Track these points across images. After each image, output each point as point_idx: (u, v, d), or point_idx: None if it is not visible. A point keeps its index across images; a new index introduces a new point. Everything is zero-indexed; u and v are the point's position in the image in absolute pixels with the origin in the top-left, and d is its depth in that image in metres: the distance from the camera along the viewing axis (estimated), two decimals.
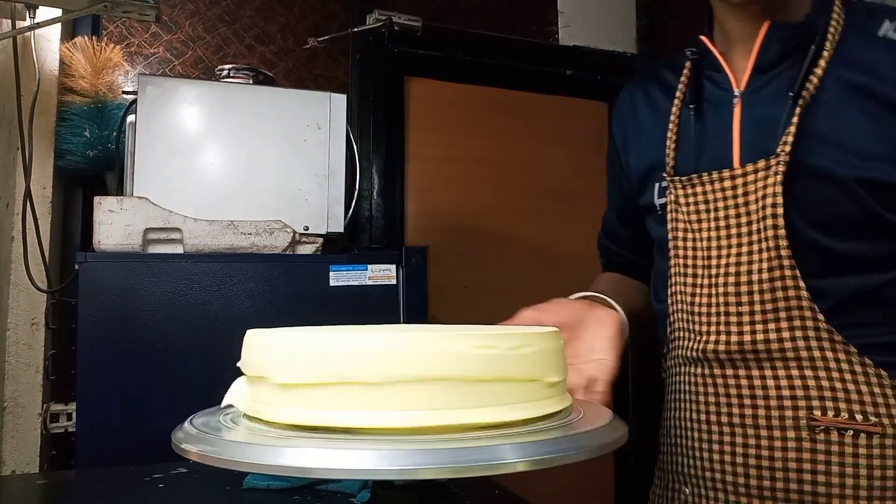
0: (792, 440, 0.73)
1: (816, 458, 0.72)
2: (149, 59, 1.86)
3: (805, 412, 0.72)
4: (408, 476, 0.44)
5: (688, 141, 0.83)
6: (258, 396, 0.55)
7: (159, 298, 1.28)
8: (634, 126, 0.94)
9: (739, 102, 0.80)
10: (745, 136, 0.78)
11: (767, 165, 0.73)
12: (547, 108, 2.36)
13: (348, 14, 2.07)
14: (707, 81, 0.84)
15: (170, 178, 1.39)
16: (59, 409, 1.55)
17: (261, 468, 0.45)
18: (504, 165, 2.29)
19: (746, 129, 0.78)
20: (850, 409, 0.71)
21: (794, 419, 0.73)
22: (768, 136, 0.75)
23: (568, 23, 2.36)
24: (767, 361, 0.74)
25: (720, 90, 0.82)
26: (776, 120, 0.75)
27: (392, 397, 0.49)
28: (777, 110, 0.76)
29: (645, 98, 0.94)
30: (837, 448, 0.71)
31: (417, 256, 1.45)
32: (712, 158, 0.80)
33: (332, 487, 0.90)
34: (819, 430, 0.72)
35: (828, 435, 0.71)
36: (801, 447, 0.72)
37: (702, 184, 0.79)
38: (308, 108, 1.49)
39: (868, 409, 0.71)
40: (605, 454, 0.50)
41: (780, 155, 0.72)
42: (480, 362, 0.50)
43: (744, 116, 0.79)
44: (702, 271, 0.79)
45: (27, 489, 0.97)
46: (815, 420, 0.72)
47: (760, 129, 0.77)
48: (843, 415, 0.71)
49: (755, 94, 0.79)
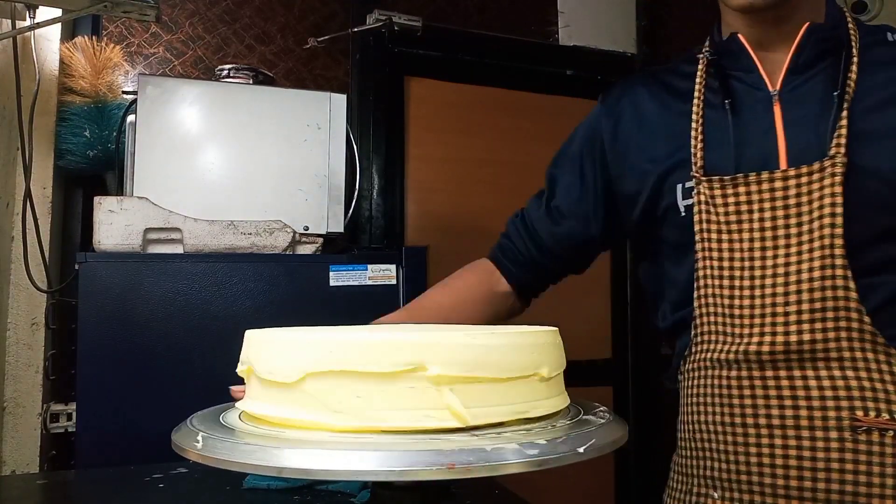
0: (834, 440, 0.73)
1: (858, 459, 0.72)
2: (149, 59, 1.86)
3: (847, 412, 0.72)
4: (408, 477, 0.44)
5: (720, 140, 0.82)
6: (259, 396, 0.55)
7: (159, 298, 1.28)
8: (639, 129, 0.91)
9: (778, 102, 0.80)
10: (790, 137, 0.78)
11: (822, 167, 0.74)
12: (547, 108, 2.36)
13: (348, 14, 2.06)
14: (734, 81, 0.84)
15: (170, 178, 1.39)
16: (59, 409, 1.55)
17: (261, 468, 0.45)
18: (504, 165, 2.29)
19: (791, 130, 0.78)
20: (890, 410, 0.72)
21: (837, 419, 0.73)
22: (816, 136, 0.76)
23: (568, 23, 2.36)
24: (810, 362, 0.74)
25: (753, 89, 0.82)
26: (821, 120, 0.76)
27: (392, 397, 0.49)
28: (819, 111, 0.77)
29: (651, 100, 0.91)
30: (879, 448, 0.71)
31: (417, 256, 1.45)
32: (754, 160, 0.79)
33: (332, 487, 0.90)
34: (861, 431, 0.72)
35: (869, 436, 0.72)
36: (843, 447, 0.72)
37: (746, 184, 0.78)
38: (308, 108, 1.49)
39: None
40: (605, 454, 0.50)
41: (836, 157, 0.73)
42: (481, 361, 0.50)
43: (784, 117, 0.79)
44: (741, 272, 0.79)
45: (27, 489, 0.97)
46: (857, 420, 0.72)
47: (805, 129, 0.77)
48: (885, 415, 0.71)
49: (793, 95, 0.80)
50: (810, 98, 0.78)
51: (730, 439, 0.79)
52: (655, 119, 0.90)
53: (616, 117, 0.94)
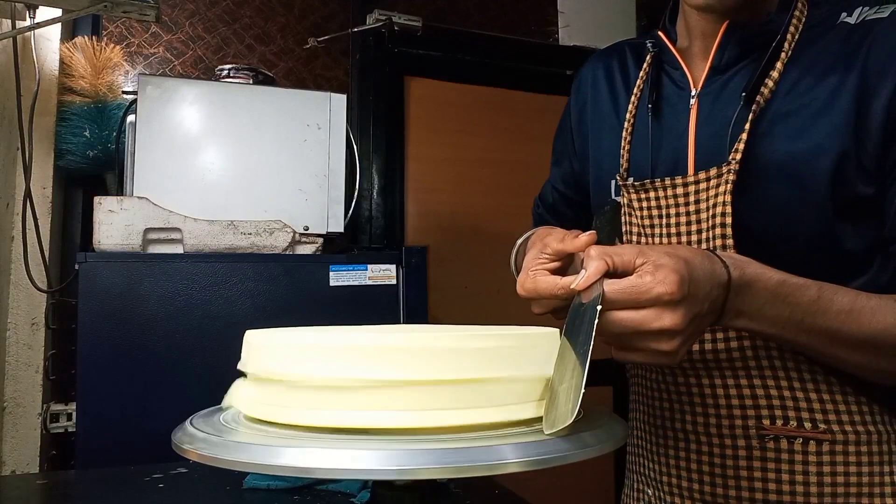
0: (742, 448, 0.72)
1: (767, 466, 0.71)
2: (149, 59, 1.86)
3: (754, 421, 0.72)
4: (408, 476, 0.44)
5: (644, 142, 0.80)
6: (258, 397, 0.55)
7: (159, 298, 1.28)
8: (594, 113, 0.91)
9: (696, 104, 0.77)
10: (699, 140, 0.76)
11: (719, 173, 0.71)
12: (547, 108, 2.36)
13: (348, 14, 2.07)
14: (667, 78, 0.82)
15: (170, 178, 1.39)
16: (59, 409, 1.55)
17: (261, 468, 0.45)
18: (504, 165, 2.29)
19: (701, 133, 0.76)
20: (798, 417, 0.71)
21: (744, 428, 0.72)
22: (720, 140, 0.73)
23: (568, 23, 2.36)
24: (717, 370, 0.73)
25: (678, 89, 0.80)
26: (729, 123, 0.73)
27: (392, 397, 0.49)
28: (731, 113, 0.73)
29: (607, 82, 0.90)
30: (787, 456, 0.71)
31: (417, 256, 1.45)
32: (667, 163, 0.78)
33: (332, 487, 0.90)
34: (768, 439, 0.71)
35: (777, 443, 0.71)
36: (751, 455, 0.72)
37: (654, 189, 0.77)
38: (308, 108, 1.49)
39: (817, 417, 0.70)
40: (605, 454, 0.50)
41: (730, 163, 0.70)
42: (481, 361, 0.50)
43: (699, 119, 0.76)
44: None
45: (27, 489, 0.97)
46: (764, 429, 0.71)
47: (714, 132, 0.75)
48: (792, 423, 0.71)
49: (711, 96, 0.76)
50: (726, 99, 0.75)
51: (654, 440, 0.80)
52: (605, 110, 0.89)
53: (580, 101, 0.94)
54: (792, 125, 0.71)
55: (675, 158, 0.77)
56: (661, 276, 0.54)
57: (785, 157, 0.70)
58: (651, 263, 0.55)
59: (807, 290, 0.64)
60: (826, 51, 0.72)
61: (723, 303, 0.60)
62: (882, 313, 0.64)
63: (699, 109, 0.77)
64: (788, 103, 0.71)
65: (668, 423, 0.78)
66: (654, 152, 0.79)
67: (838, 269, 0.69)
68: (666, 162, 0.78)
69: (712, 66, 0.77)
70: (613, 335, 0.56)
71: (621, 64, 0.90)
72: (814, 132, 0.69)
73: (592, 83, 0.92)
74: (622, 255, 0.56)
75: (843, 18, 0.73)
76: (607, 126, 0.88)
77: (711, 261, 0.60)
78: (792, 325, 0.64)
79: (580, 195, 0.95)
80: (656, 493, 0.81)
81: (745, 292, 0.61)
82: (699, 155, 0.75)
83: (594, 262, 0.56)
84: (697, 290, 0.56)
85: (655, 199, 0.77)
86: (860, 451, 0.70)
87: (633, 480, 0.87)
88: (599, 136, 0.89)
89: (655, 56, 0.83)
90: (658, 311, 0.54)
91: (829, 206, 0.68)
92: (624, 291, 0.54)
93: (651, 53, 0.83)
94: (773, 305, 0.63)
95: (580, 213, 0.96)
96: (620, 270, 0.56)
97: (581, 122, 0.93)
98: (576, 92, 0.96)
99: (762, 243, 0.70)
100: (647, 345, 0.56)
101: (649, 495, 0.83)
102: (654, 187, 0.77)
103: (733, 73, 0.76)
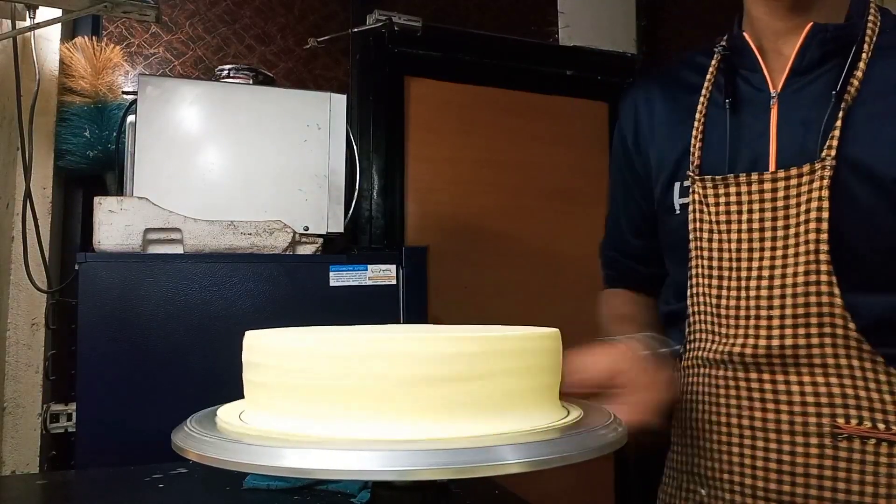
0: (814, 447, 0.72)
1: (838, 466, 0.71)
2: (149, 60, 1.86)
3: (829, 420, 0.72)
4: (408, 477, 0.44)
5: (718, 139, 0.81)
6: (257, 400, 0.55)
7: (159, 298, 1.28)
8: (652, 126, 0.91)
9: (776, 104, 0.78)
10: (782, 139, 0.77)
11: (812, 169, 0.72)
12: (547, 108, 2.36)
13: (348, 14, 2.06)
14: (740, 80, 0.82)
15: (170, 178, 1.39)
16: (59, 409, 1.55)
17: (261, 468, 0.45)
18: (504, 165, 2.29)
19: (783, 132, 0.77)
20: (873, 418, 0.71)
21: (818, 426, 0.72)
22: (809, 138, 0.74)
23: (568, 23, 2.36)
24: (794, 367, 0.74)
25: (754, 90, 0.81)
26: (816, 122, 0.74)
27: (393, 400, 0.49)
28: (817, 113, 0.74)
29: (663, 97, 0.91)
30: (859, 456, 0.71)
31: (417, 256, 1.45)
32: (747, 159, 0.78)
33: (332, 488, 0.90)
34: (842, 438, 0.71)
35: (850, 443, 0.71)
36: (823, 454, 0.72)
37: (737, 184, 0.77)
38: (308, 108, 1.49)
39: (891, 419, 0.70)
40: (605, 454, 0.50)
41: (825, 159, 0.71)
42: (480, 361, 0.50)
43: (780, 118, 0.77)
44: (728, 273, 0.78)
45: (27, 489, 0.97)
46: (838, 428, 0.71)
47: (799, 131, 0.76)
48: (867, 423, 0.71)
49: (793, 97, 0.78)
50: (810, 99, 0.76)
51: (715, 437, 0.80)
52: (667, 117, 0.89)
53: (634, 123, 0.94)
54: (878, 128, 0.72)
55: (754, 157, 0.78)
56: None
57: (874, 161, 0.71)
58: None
59: None
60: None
61: None
62: None
63: (780, 110, 0.78)
64: (872, 105, 0.73)
65: (734, 420, 0.78)
66: (733, 150, 0.79)
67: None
68: (745, 160, 0.78)
69: (793, 68, 0.78)
70: None
71: (677, 79, 0.91)
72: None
73: (645, 101, 0.93)
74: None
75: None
76: (666, 133, 0.88)
77: None
78: None
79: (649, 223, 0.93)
80: (712, 491, 0.80)
81: None
82: (782, 154, 0.76)
83: None
84: None
85: (737, 194, 0.77)
86: None
87: (682, 480, 0.86)
88: (662, 143, 0.89)
89: (726, 58, 0.84)
90: None
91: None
92: None
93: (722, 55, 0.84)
94: None
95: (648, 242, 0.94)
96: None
97: (637, 142, 0.93)
98: (627, 118, 0.95)
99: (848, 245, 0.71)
100: None
101: (702, 495, 0.82)
102: (737, 182, 0.77)
103: (815, 75, 0.77)
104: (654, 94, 0.92)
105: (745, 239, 0.77)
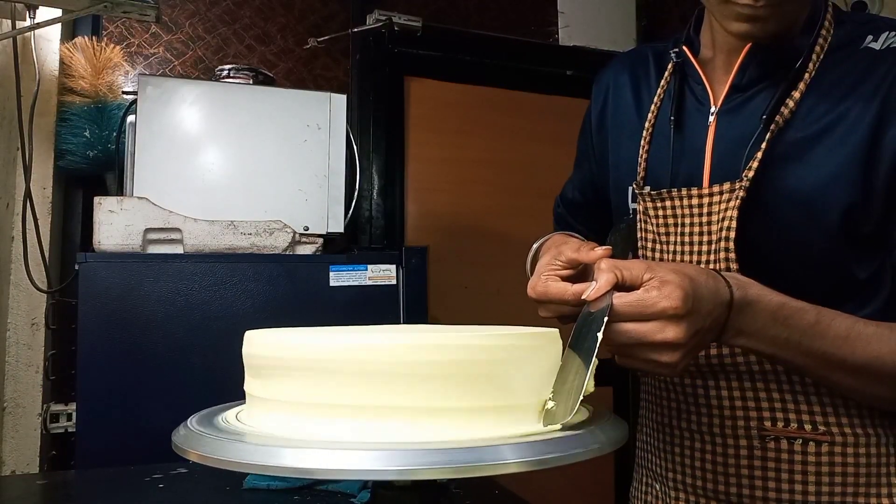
0: (744, 448, 0.75)
1: (767, 465, 0.74)
2: (149, 60, 1.86)
3: (756, 422, 0.75)
4: (408, 476, 0.44)
5: (663, 153, 0.82)
6: (257, 400, 0.55)
7: (159, 298, 1.28)
8: (614, 118, 0.92)
9: (714, 121, 0.79)
10: (716, 156, 0.78)
11: (731, 188, 0.74)
12: (547, 108, 2.36)
13: (348, 14, 2.07)
14: (688, 91, 0.83)
15: (170, 178, 1.39)
16: (59, 409, 1.55)
17: (261, 468, 0.45)
18: (504, 165, 2.29)
19: (718, 149, 0.78)
20: (799, 420, 0.73)
21: (746, 428, 0.75)
22: (737, 157, 0.75)
23: (568, 23, 2.36)
24: (723, 374, 0.76)
25: (699, 103, 0.81)
26: (746, 142, 0.74)
27: (393, 400, 0.49)
28: (749, 132, 0.75)
29: (629, 88, 0.91)
30: (787, 455, 0.73)
31: (417, 256, 1.45)
32: (685, 174, 0.80)
33: (332, 487, 0.90)
34: (769, 439, 0.74)
35: (778, 443, 0.74)
36: (752, 454, 0.75)
37: (671, 198, 0.79)
38: (308, 108, 1.49)
39: (817, 419, 0.73)
40: (605, 454, 0.50)
41: (742, 180, 0.73)
42: (479, 360, 0.50)
43: (717, 135, 0.78)
44: None
45: (27, 489, 0.97)
46: (765, 430, 0.74)
47: (730, 150, 0.76)
48: (793, 424, 0.73)
49: (730, 114, 0.78)
50: (745, 117, 0.76)
51: (662, 437, 0.83)
52: (626, 117, 0.90)
53: (602, 103, 0.95)
54: (808, 152, 0.72)
55: (691, 172, 0.79)
56: (667, 291, 0.58)
57: (798, 184, 0.72)
58: (658, 279, 0.59)
59: (805, 314, 0.66)
60: (848, 76, 0.72)
61: (724, 321, 0.63)
62: (877, 341, 0.67)
63: (717, 126, 0.78)
64: (805, 129, 0.72)
65: (675, 422, 0.81)
66: (674, 164, 0.81)
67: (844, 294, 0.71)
68: (683, 175, 0.80)
69: (733, 85, 0.78)
70: (618, 344, 0.59)
71: (644, 70, 0.91)
72: (829, 161, 0.71)
73: (614, 88, 0.93)
74: (631, 269, 0.60)
75: (868, 43, 0.73)
76: (627, 133, 0.89)
77: (716, 280, 0.63)
78: (790, 346, 0.66)
79: (598, 198, 0.96)
80: (663, 487, 0.84)
81: (746, 312, 0.64)
82: (714, 170, 0.77)
83: (605, 275, 0.60)
84: (700, 306, 0.60)
85: (672, 207, 0.79)
86: (858, 452, 0.72)
87: (642, 475, 0.90)
88: (619, 142, 0.90)
89: (678, 66, 0.84)
90: (662, 325, 0.58)
91: (839, 233, 0.70)
92: (631, 304, 0.58)
93: (673, 63, 0.84)
94: (773, 326, 0.65)
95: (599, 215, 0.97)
96: (629, 284, 0.60)
97: (601, 126, 0.94)
98: (596, 95, 0.96)
99: (769, 261, 0.72)
100: (650, 356, 0.59)
101: (657, 489, 0.86)
102: (671, 196, 0.79)
103: (754, 92, 0.77)
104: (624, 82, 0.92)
105: (679, 252, 0.79)
